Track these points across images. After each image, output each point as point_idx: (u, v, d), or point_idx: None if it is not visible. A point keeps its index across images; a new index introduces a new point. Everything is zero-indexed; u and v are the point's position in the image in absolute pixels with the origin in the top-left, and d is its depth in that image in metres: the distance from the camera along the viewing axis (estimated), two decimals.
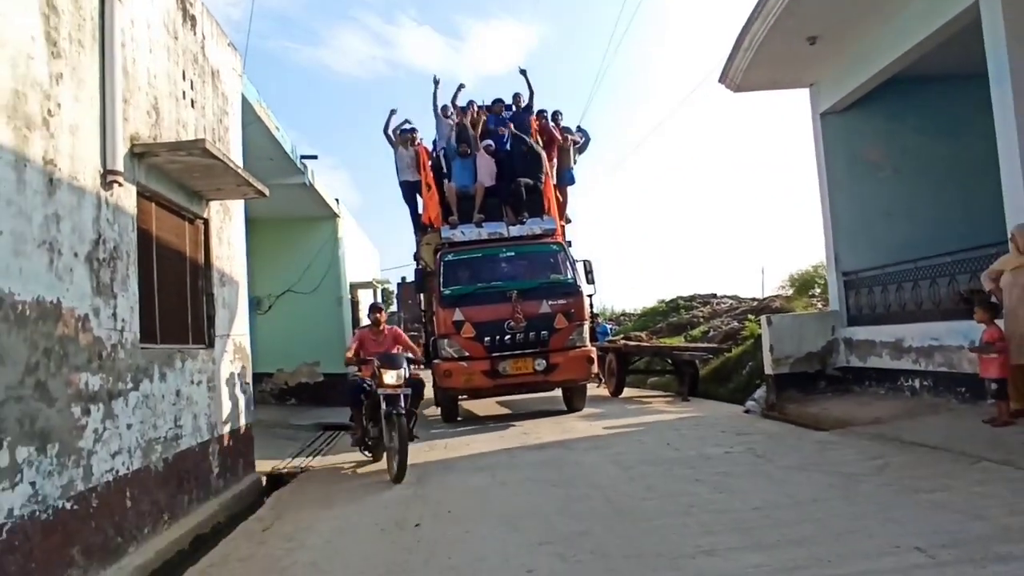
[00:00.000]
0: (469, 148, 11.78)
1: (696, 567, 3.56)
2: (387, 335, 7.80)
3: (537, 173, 11.78)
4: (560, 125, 13.18)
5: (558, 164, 12.81)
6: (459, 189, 11.70)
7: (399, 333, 8.02)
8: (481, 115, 12.69)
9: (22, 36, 3.77)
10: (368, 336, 7.81)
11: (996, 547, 3.44)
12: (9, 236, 3.54)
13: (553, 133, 12.82)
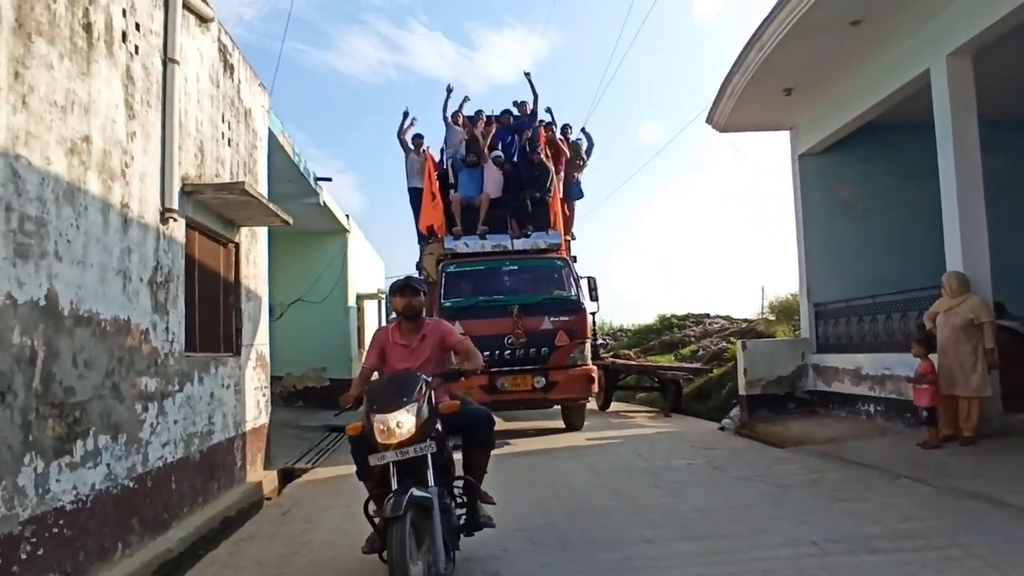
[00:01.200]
0: (477, 158, 11.73)
1: (636, 551, 4.45)
2: (427, 337, 4.40)
3: (544, 186, 11.66)
4: (569, 138, 13.22)
5: (565, 177, 12.77)
6: (464, 199, 11.63)
7: (447, 330, 4.54)
8: (491, 126, 12.61)
9: (109, 105, 4.69)
10: (392, 340, 4.42)
11: (875, 543, 4.31)
12: (97, 268, 4.45)
13: (560, 146, 12.84)
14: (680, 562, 4.19)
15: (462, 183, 11.87)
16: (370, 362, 4.46)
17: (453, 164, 12.29)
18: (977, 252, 7.81)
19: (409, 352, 4.35)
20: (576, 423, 11.00)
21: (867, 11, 7.83)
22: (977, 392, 7.21)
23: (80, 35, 4.29)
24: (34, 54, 3.80)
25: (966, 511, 4.98)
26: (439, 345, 4.40)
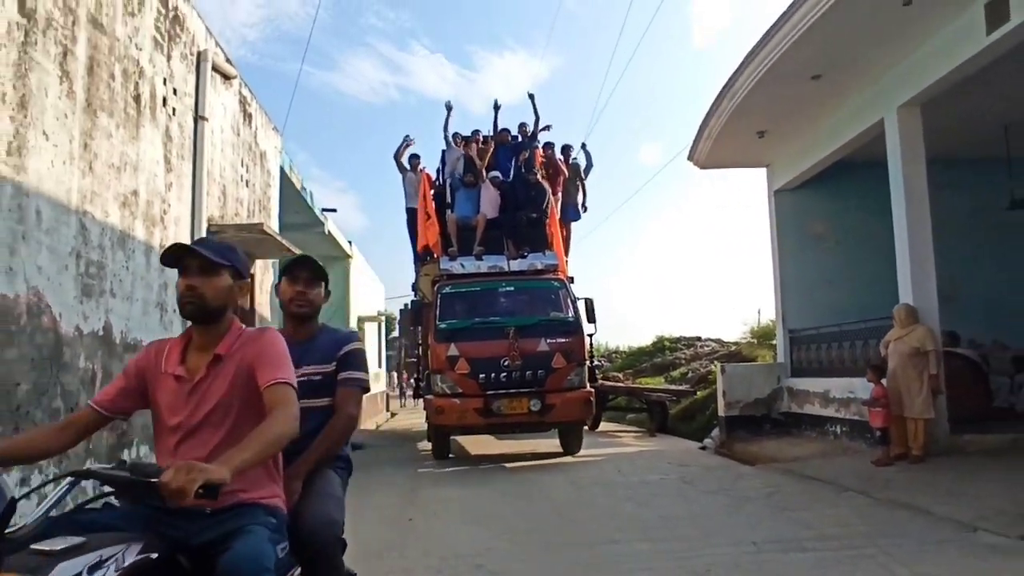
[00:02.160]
0: (474, 178, 11.66)
1: (603, 550, 5.15)
2: (227, 361, 2.26)
3: (541, 207, 11.57)
4: (569, 159, 13.10)
5: (563, 198, 12.65)
6: (461, 219, 11.56)
7: (262, 349, 2.24)
8: (489, 145, 12.53)
9: (152, 162, 5.46)
10: (163, 367, 2.29)
11: (805, 544, 5.02)
12: (141, 302, 5.19)
13: (559, 166, 12.76)
14: (637, 559, 4.89)
15: (459, 203, 11.81)
16: (106, 397, 2.29)
17: (451, 184, 12.24)
18: (925, 286, 8.58)
19: (186, 394, 2.21)
20: (573, 447, 10.71)
21: (826, 67, 8.65)
22: (922, 414, 7.94)
23: (131, 105, 5.07)
24: (98, 127, 4.57)
25: (893, 519, 5.70)
26: (245, 378, 2.21)
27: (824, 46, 8.03)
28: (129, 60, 5.07)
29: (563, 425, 10.57)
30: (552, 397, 9.98)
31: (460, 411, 9.88)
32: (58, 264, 4.10)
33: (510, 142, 12.82)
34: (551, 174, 12.52)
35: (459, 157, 12.17)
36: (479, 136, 12.79)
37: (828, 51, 8.17)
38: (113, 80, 4.79)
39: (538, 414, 9.96)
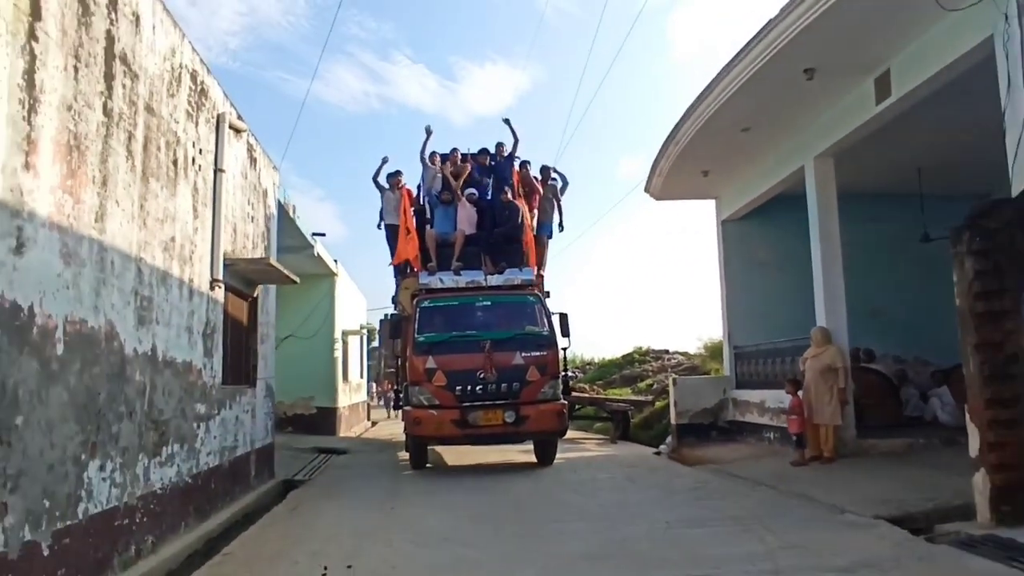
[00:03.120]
0: (451, 196, 12.08)
1: (547, 527, 6.45)
2: None
3: (517, 224, 11.94)
4: (547, 180, 13.35)
5: (539, 216, 12.96)
6: (439, 236, 11.91)
7: None
8: (466, 164, 12.84)
9: (185, 212, 6.69)
10: None
11: (707, 523, 6.34)
12: (175, 327, 6.41)
13: (535, 184, 13.07)
14: (573, 534, 6.18)
15: (437, 220, 12.18)
16: None
17: (429, 201, 12.63)
18: (837, 311, 9.98)
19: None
20: (548, 457, 11.05)
21: (753, 122, 10.06)
22: (831, 421, 9.30)
23: (171, 169, 6.31)
24: (149, 190, 5.81)
25: (785, 505, 7.04)
26: None
27: (749, 106, 9.43)
28: (170, 133, 6.30)
29: (537, 436, 10.83)
30: (526, 409, 10.24)
31: (437, 422, 10.16)
32: (123, 301, 5.31)
33: (488, 163, 13.23)
34: (527, 192, 12.99)
35: (435, 175, 12.58)
36: (456, 155, 13.11)
37: (753, 110, 9.57)
38: (159, 151, 6.02)
39: (513, 425, 10.20)
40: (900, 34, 7.48)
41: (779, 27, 7.62)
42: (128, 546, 5.36)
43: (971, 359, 5.74)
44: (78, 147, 4.62)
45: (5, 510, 3.78)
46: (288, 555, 5.80)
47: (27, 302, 4.02)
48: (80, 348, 4.63)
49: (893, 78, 8.14)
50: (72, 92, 4.53)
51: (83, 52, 4.68)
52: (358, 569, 5.21)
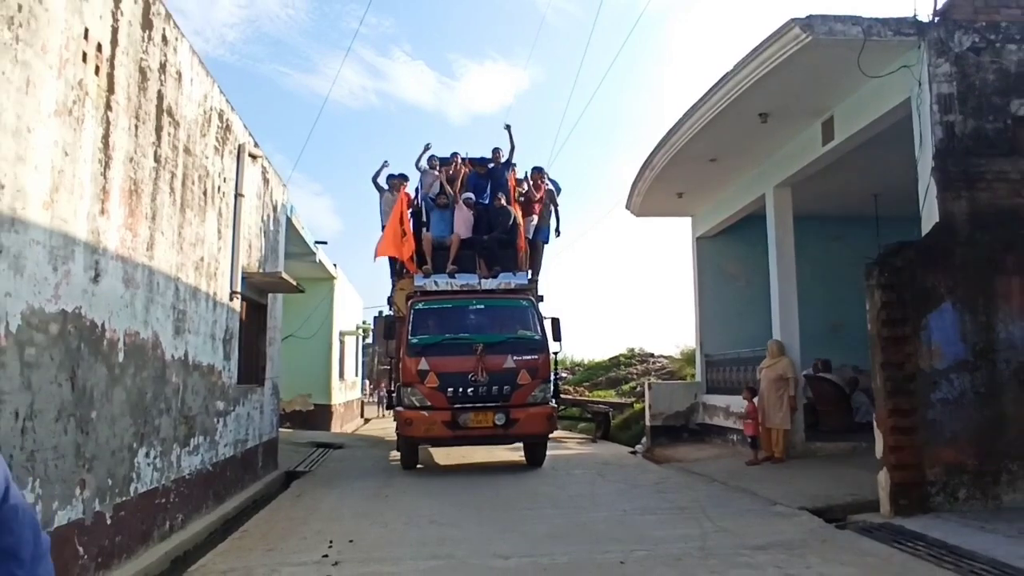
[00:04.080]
0: (448, 200, 12.24)
1: (520, 512, 7.48)
2: None
3: (511, 229, 12.06)
4: (544, 183, 13.35)
5: (537, 221, 13.02)
6: (435, 239, 12.07)
7: None
8: (464, 168, 13.06)
9: (212, 234, 7.70)
10: None
11: (659, 512, 7.38)
12: (202, 335, 7.42)
13: (532, 191, 13.13)
14: (542, 518, 7.22)
15: (434, 223, 12.35)
16: None
17: (425, 204, 12.82)
18: (790, 326, 11.04)
19: None
20: (537, 459, 11.19)
21: (718, 154, 11.10)
22: (781, 425, 10.35)
23: (201, 198, 7.32)
24: (186, 219, 6.82)
25: (729, 497, 8.09)
26: None
27: (713, 141, 10.45)
28: (202, 168, 7.30)
29: (526, 438, 11.02)
30: (517, 412, 10.44)
31: (428, 423, 10.37)
32: (164, 315, 6.30)
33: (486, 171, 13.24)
34: (526, 200, 13.05)
35: (434, 180, 12.81)
36: (457, 160, 13.27)
37: (717, 144, 10.61)
38: (193, 184, 7.02)
39: (503, 428, 10.41)
40: (839, 88, 8.52)
41: (734, 79, 8.66)
42: (164, 521, 6.38)
43: (878, 375, 6.81)
44: (136, 191, 5.63)
45: (84, 485, 4.79)
46: (297, 532, 6.81)
47: (100, 320, 5.03)
48: (134, 356, 5.64)
49: (836, 124, 9.20)
50: (133, 146, 5.54)
51: (141, 112, 5.69)
52: (358, 543, 6.22)
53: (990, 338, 6.78)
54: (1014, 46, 7.40)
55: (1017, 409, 6.71)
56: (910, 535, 5.95)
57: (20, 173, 3.99)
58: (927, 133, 7.29)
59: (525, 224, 12.70)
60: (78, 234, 4.69)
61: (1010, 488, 6.62)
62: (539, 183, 13.21)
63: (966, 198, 7.15)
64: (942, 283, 6.85)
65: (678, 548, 5.81)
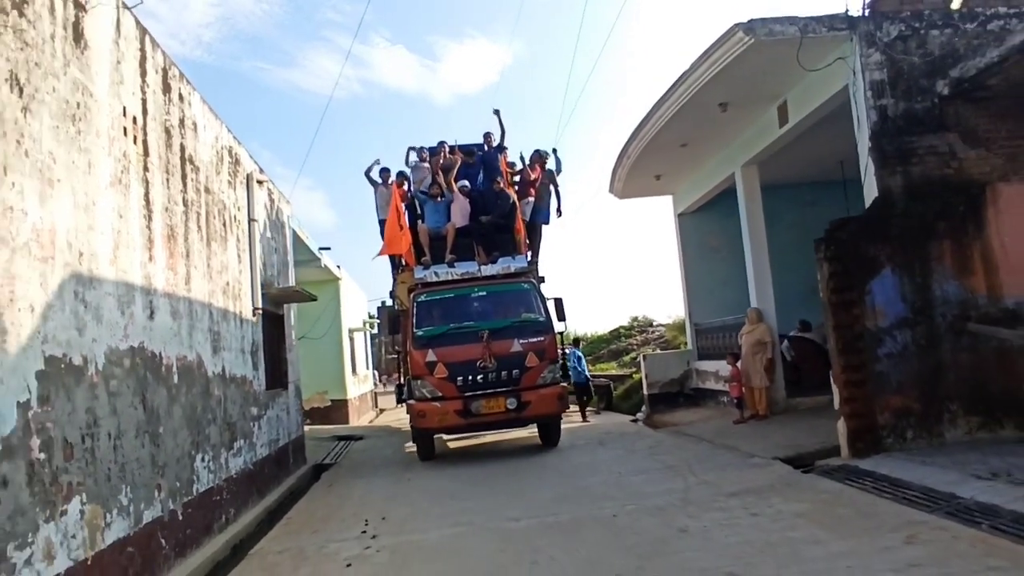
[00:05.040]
0: (441, 191, 12.29)
1: (525, 481, 8.46)
2: None
3: (508, 212, 12.07)
4: (543, 165, 13.21)
5: (536, 202, 12.99)
6: (431, 230, 12.13)
7: None
8: (455, 157, 13.12)
9: (233, 259, 8.60)
10: None
11: (649, 472, 8.35)
12: (234, 350, 8.35)
13: (527, 171, 13.14)
14: (545, 484, 8.21)
15: (428, 214, 12.40)
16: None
17: (418, 197, 12.90)
18: (765, 294, 11.98)
19: None
20: (552, 439, 11.38)
21: (688, 140, 11.96)
22: (761, 385, 11.32)
23: (222, 230, 8.21)
24: (212, 251, 7.72)
25: (713, 454, 9.07)
26: None
27: (682, 129, 11.31)
28: (220, 202, 8.19)
29: (539, 420, 11.18)
30: (527, 395, 10.57)
31: (441, 414, 10.53)
32: (204, 338, 7.23)
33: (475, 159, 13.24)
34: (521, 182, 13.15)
35: (426, 172, 12.97)
36: (444, 149, 13.42)
37: (685, 131, 11.46)
38: (214, 219, 7.91)
39: (515, 411, 10.53)
40: (788, 77, 9.34)
41: (691, 76, 9.50)
42: (220, 515, 7.36)
43: (831, 337, 7.75)
44: (172, 235, 6.54)
45: (160, 488, 5.75)
46: (335, 516, 7.79)
47: (158, 350, 5.96)
48: (185, 376, 6.58)
49: (790, 108, 10.06)
50: (167, 197, 6.44)
51: (170, 165, 6.58)
52: (390, 520, 7.20)
53: (927, 297, 7.71)
54: (936, 31, 8.23)
55: (954, 357, 7.65)
56: (862, 473, 6.92)
57: (92, 240, 4.89)
58: (863, 116, 8.16)
59: (521, 206, 12.63)
60: (135, 281, 5.61)
61: (951, 426, 7.59)
62: (536, 165, 13.13)
63: (901, 173, 8.04)
64: (882, 252, 7.76)
65: (663, 500, 6.78)
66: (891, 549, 4.71)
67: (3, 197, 3.86)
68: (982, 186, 7.94)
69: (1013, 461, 6.49)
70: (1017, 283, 7.73)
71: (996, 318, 7.63)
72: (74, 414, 4.46)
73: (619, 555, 5.24)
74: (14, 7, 4.10)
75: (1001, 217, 7.86)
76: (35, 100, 4.26)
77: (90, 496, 4.56)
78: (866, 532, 5.14)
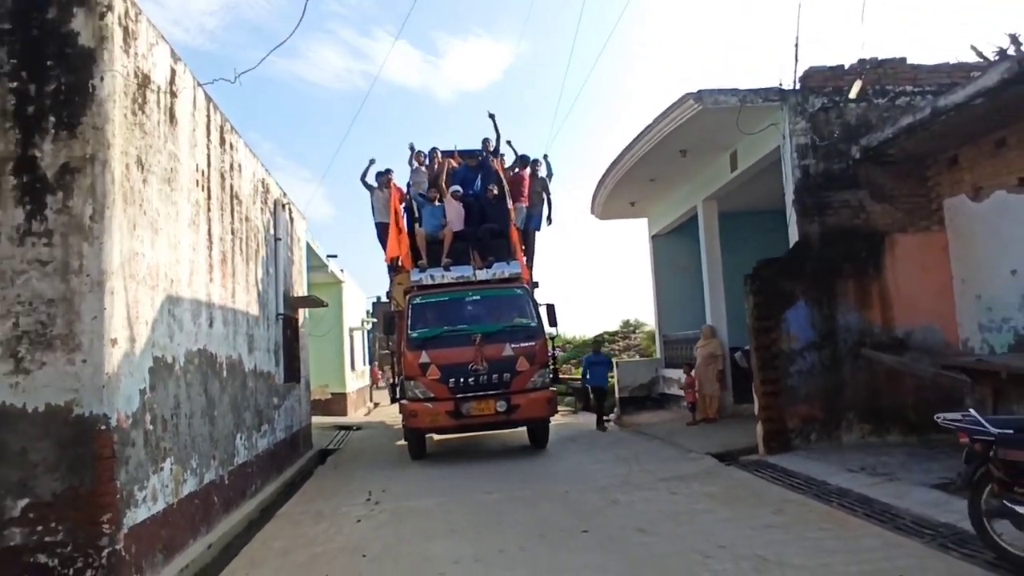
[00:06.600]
0: (439, 194, 12.58)
1: (505, 466, 10.17)
2: None
3: (503, 218, 12.32)
4: (536, 173, 13.39)
5: (528, 208, 13.17)
6: (428, 234, 12.37)
7: None
8: (447, 162, 13.36)
9: (264, 273, 10.28)
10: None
11: (603, 461, 10.07)
12: (263, 349, 10.04)
13: (523, 178, 13.20)
14: (519, 469, 9.91)
15: (425, 218, 12.59)
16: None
17: (416, 201, 13.09)
18: (719, 313, 13.71)
19: None
20: (541, 441, 11.76)
21: (656, 175, 13.68)
22: (712, 392, 13.05)
23: (256, 249, 9.90)
24: (248, 268, 9.41)
25: (659, 450, 10.81)
26: None
27: (650, 167, 13.04)
28: (255, 228, 9.87)
29: (528, 423, 11.52)
30: (517, 398, 10.86)
31: (432, 414, 10.88)
32: (243, 341, 8.91)
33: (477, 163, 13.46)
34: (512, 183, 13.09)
35: (423, 176, 13.30)
36: (436, 155, 13.71)
37: (653, 170, 13.19)
38: (251, 241, 9.59)
39: (504, 414, 10.86)
40: (734, 133, 11.04)
41: (655, 129, 11.23)
42: (251, 485, 9.05)
43: (753, 356, 9.47)
44: (224, 259, 8.23)
45: (215, 458, 7.44)
46: (343, 488, 9.49)
47: (214, 351, 7.65)
48: (231, 371, 8.28)
49: (739, 156, 11.80)
50: (221, 229, 8.13)
51: (223, 203, 8.27)
52: (389, 492, 8.91)
53: (832, 325, 9.45)
54: (853, 104, 9.97)
55: (852, 375, 9.39)
56: (768, 466, 8.66)
57: (178, 270, 6.58)
58: (789, 173, 9.90)
59: (515, 211, 12.81)
60: (201, 298, 7.29)
61: (847, 431, 9.33)
62: (522, 174, 13.26)
63: (818, 222, 9.77)
64: (797, 287, 9.49)
65: (607, 482, 8.51)
66: (760, 516, 6.44)
67: (133, 247, 5.55)
68: (883, 235, 9.69)
69: (884, 459, 8.23)
70: (906, 316, 9.48)
71: (887, 345, 9.37)
72: (167, 399, 6.16)
73: (565, 517, 6.97)
74: (138, 107, 5.79)
75: (897, 262, 9.61)
76: (150, 172, 5.95)
77: (176, 459, 6.25)
78: (749, 506, 6.88)
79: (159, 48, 6.24)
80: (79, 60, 5.16)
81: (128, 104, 5.51)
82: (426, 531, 6.83)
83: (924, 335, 9.51)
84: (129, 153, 5.51)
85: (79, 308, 5.02)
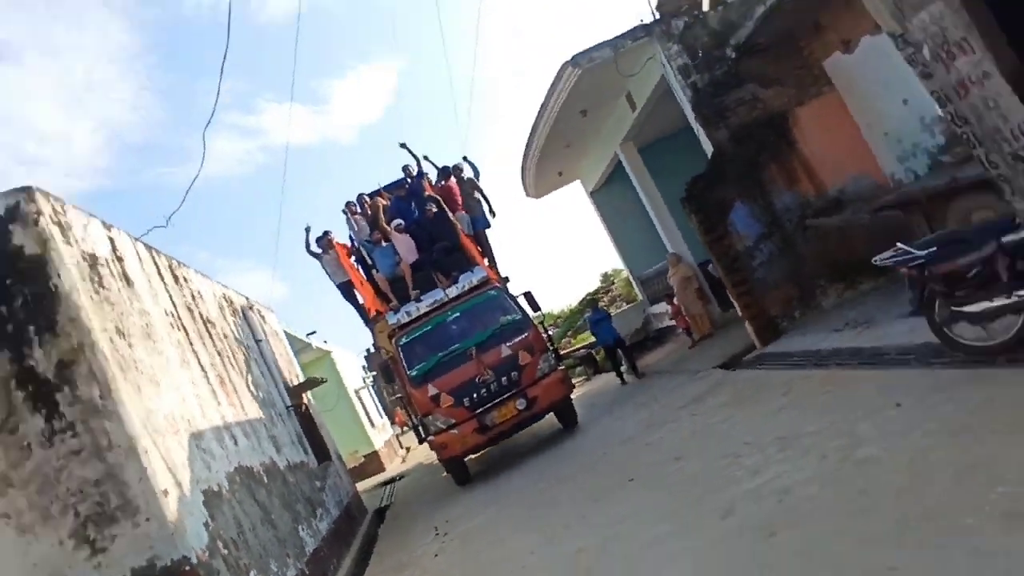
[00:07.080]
0: (382, 235, 12.56)
1: (536, 463, 10.75)
2: None
3: (450, 232, 12.36)
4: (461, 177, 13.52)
5: (469, 213, 13.24)
6: (387, 275, 12.39)
7: None
8: (378, 201, 13.35)
9: (259, 377, 10.74)
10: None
11: (625, 401, 10.70)
12: (287, 443, 10.51)
13: (451, 189, 13.30)
14: (548, 455, 10.50)
15: (379, 261, 12.58)
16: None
17: (364, 248, 13.12)
18: (676, 238, 14.39)
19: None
20: (570, 421, 11.79)
21: (570, 140, 14.32)
22: (697, 312, 13.73)
23: (244, 357, 10.35)
24: (245, 376, 9.87)
25: (670, 380, 11.48)
26: None
27: (563, 133, 13.64)
28: (234, 340, 10.32)
29: (552, 408, 11.47)
30: (532, 390, 10.91)
31: (461, 438, 10.90)
32: (268, 443, 9.37)
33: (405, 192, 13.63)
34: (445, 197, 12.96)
35: (362, 223, 13.29)
36: (364, 198, 13.75)
37: (564, 137, 13.80)
38: (237, 352, 10.03)
39: (527, 410, 10.88)
40: (621, 78, 11.67)
41: (549, 104, 11.84)
42: (328, 566, 9.54)
43: (718, 265, 10.12)
44: (221, 379, 8.69)
45: (288, 555, 7.94)
46: (411, 534, 10.03)
47: (249, 464, 8.13)
48: (270, 475, 8.76)
49: (634, 97, 12.43)
50: (208, 356, 8.59)
51: (199, 332, 8.72)
52: (452, 521, 9.45)
53: (772, 212, 10.13)
54: (713, 12, 10.62)
55: (808, 247, 10.09)
56: (769, 356, 9.35)
57: (187, 407, 7.06)
58: (681, 95, 10.55)
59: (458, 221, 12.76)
60: (218, 423, 7.77)
61: (824, 297, 10.03)
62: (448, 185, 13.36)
63: (724, 127, 10.43)
64: (729, 191, 10.15)
65: (634, 431, 9.14)
66: (771, 403, 7.08)
67: (145, 406, 6.02)
68: (784, 115, 10.37)
69: (862, 309, 8.94)
70: (832, 177, 10.19)
71: (826, 208, 10.08)
72: (228, 521, 6.65)
73: (608, 476, 7.56)
74: (98, 285, 6.24)
75: (805, 133, 10.31)
76: (131, 336, 6.42)
77: (258, 569, 6.75)
78: (760, 399, 7.52)
79: (92, 225, 6.69)
80: (34, 268, 5.61)
81: (89, 287, 5.97)
82: (497, 537, 7.40)
83: (855, 186, 10.21)
84: (108, 328, 5.97)
85: (124, 477, 5.50)
